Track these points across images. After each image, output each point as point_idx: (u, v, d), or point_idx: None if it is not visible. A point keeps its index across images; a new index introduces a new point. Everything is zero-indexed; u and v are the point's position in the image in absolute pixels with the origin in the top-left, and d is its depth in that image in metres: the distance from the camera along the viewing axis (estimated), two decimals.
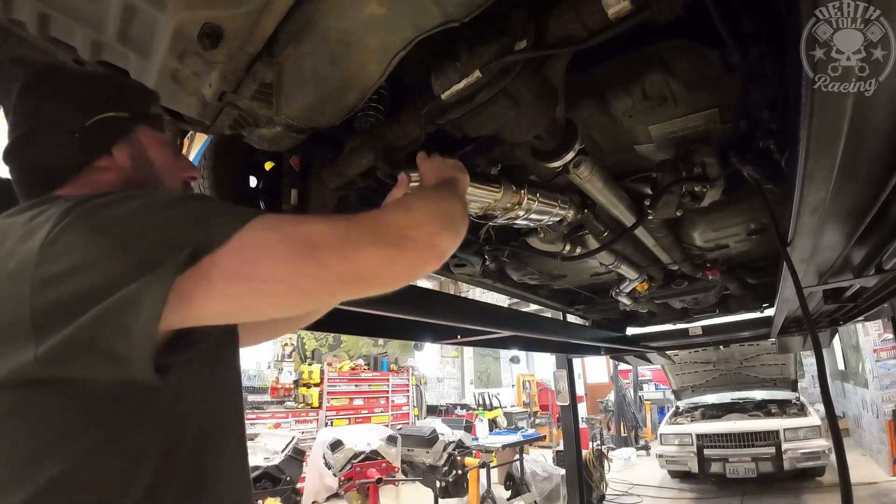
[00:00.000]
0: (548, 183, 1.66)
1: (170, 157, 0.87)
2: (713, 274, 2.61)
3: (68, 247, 0.59)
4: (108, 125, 0.79)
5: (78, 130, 0.77)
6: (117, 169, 0.80)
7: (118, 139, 0.80)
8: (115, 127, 0.80)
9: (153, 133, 0.85)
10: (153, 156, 0.84)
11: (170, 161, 0.87)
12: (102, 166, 0.79)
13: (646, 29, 0.92)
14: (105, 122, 0.78)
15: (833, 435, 1.24)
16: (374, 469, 4.89)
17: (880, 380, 7.26)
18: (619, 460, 9.36)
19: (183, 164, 0.91)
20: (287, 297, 0.67)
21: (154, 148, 0.84)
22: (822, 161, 0.93)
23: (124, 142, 0.81)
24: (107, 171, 0.79)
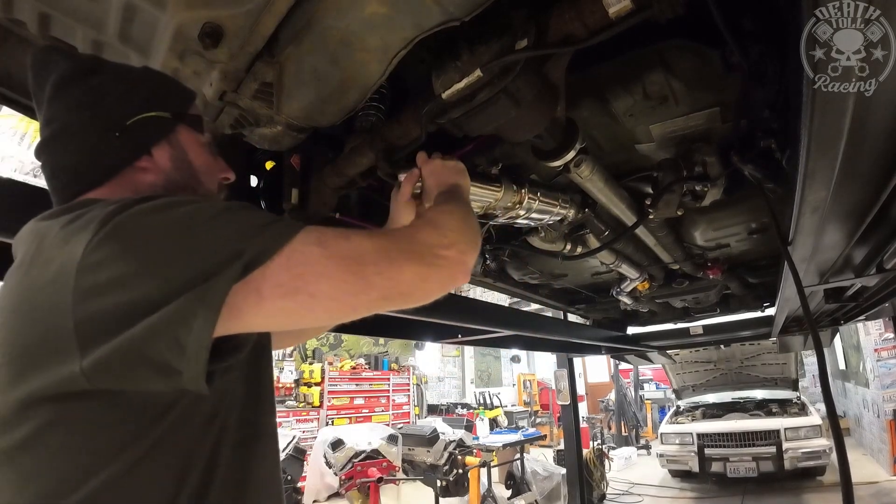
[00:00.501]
0: (549, 182, 1.66)
1: (208, 158, 0.86)
2: (714, 273, 2.61)
3: (113, 255, 0.58)
4: (149, 125, 0.78)
5: (119, 129, 0.75)
6: (157, 170, 0.79)
7: (159, 139, 0.79)
8: (156, 127, 0.79)
9: (193, 134, 0.84)
10: (193, 157, 0.83)
11: (208, 162, 0.86)
12: (142, 167, 0.78)
13: (646, 28, 0.92)
14: (147, 121, 0.77)
15: (834, 434, 1.24)
16: (374, 468, 4.89)
17: (881, 379, 7.25)
18: (619, 459, 9.36)
19: (220, 165, 0.89)
20: (332, 311, 0.68)
21: (194, 149, 0.83)
22: (823, 160, 0.93)
23: (165, 142, 0.80)
24: (146, 171, 0.78)
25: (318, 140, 1.36)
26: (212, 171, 0.86)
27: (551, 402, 12.99)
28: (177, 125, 0.81)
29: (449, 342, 3.37)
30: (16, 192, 1.08)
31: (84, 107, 0.75)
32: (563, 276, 3.02)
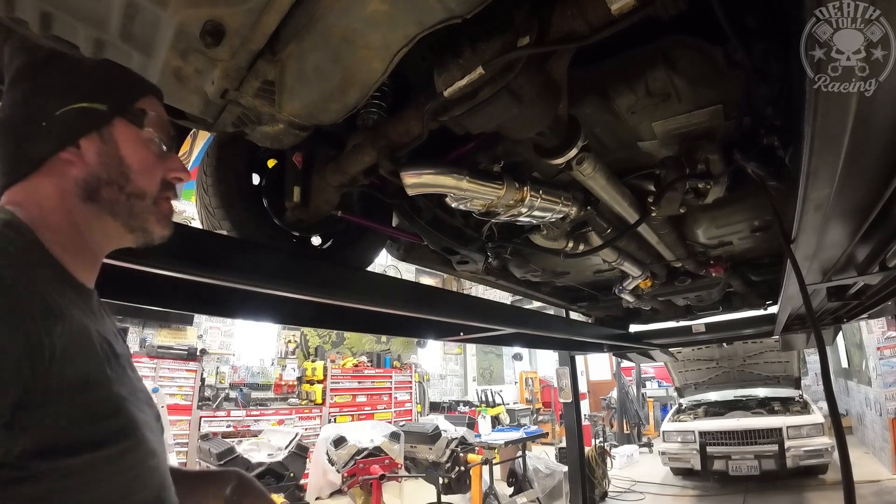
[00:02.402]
0: (551, 180, 1.66)
1: (148, 156, 0.81)
2: (716, 271, 2.60)
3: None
4: (79, 116, 0.75)
5: (47, 119, 0.73)
6: (82, 163, 0.75)
7: (87, 131, 0.76)
8: (86, 118, 0.75)
9: (131, 129, 0.79)
10: (126, 153, 0.78)
11: (147, 160, 0.81)
12: (66, 158, 0.75)
13: (649, 25, 0.91)
14: (77, 112, 0.74)
15: (836, 433, 1.23)
16: (377, 465, 4.90)
17: (884, 377, 7.24)
18: (621, 457, 9.37)
19: (170, 165, 0.84)
20: None
21: (129, 145, 0.79)
22: (826, 158, 0.92)
23: (95, 135, 0.76)
24: (71, 164, 0.75)
25: (320, 138, 1.36)
26: (149, 171, 0.81)
27: (553, 400, 13.00)
28: (112, 119, 0.77)
29: (451, 340, 3.37)
30: None
31: (27, 99, 0.75)
32: (565, 273, 3.01)
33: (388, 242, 2.09)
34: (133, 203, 0.78)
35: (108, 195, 0.76)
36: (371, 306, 1.85)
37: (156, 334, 8.08)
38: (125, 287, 1.28)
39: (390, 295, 1.90)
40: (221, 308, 1.71)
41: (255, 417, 8.07)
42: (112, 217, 0.77)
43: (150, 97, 0.83)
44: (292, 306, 1.88)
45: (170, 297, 1.51)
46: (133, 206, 0.78)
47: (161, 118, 0.84)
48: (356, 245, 1.84)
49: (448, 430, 5.50)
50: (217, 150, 1.49)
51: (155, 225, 0.81)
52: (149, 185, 0.81)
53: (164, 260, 1.14)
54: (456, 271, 2.28)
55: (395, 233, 1.96)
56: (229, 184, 1.49)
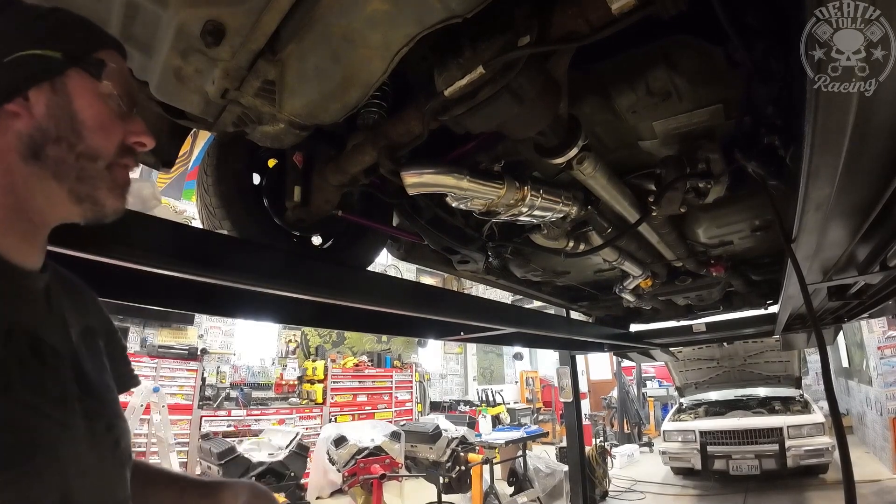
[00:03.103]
0: (551, 179, 1.66)
1: (105, 113, 0.72)
2: (717, 271, 2.60)
3: None
4: (28, 64, 0.67)
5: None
6: (29, 116, 0.67)
7: (38, 82, 0.68)
8: (36, 67, 0.67)
9: (88, 81, 0.71)
10: (79, 107, 0.70)
11: (104, 117, 0.72)
12: (12, 110, 0.67)
13: (649, 24, 0.91)
14: (26, 60, 0.67)
15: (837, 432, 1.23)
16: (377, 465, 4.90)
17: (884, 377, 7.23)
18: (622, 457, 9.37)
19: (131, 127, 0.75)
20: None
21: (84, 99, 0.70)
22: (826, 157, 0.92)
23: (46, 85, 0.68)
24: (17, 117, 0.67)
25: (321, 138, 1.36)
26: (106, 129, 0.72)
27: (554, 400, 13.01)
28: (67, 68, 0.69)
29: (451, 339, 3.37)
30: None
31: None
32: (565, 273, 3.01)
33: (389, 242, 2.09)
34: (83, 165, 0.70)
35: (55, 153, 0.68)
36: (372, 306, 1.85)
37: (156, 334, 8.09)
38: (126, 287, 1.28)
39: (391, 294, 1.90)
40: (222, 308, 1.71)
41: (256, 417, 8.08)
42: (57, 180, 0.69)
43: (110, 50, 0.75)
44: (293, 306, 1.88)
45: (170, 297, 1.51)
46: (83, 169, 0.70)
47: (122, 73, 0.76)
48: (357, 245, 1.84)
49: (449, 430, 5.51)
50: (217, 150, 1.49)
51: (106, 195, 0.72)
52: (104, 145, 0.72)
53: (164, 260, 1.14)
54: (456, 271, 2.28)
55: (395, 232, 1.96)
56: (230, 183, 1.49)
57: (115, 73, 0.73)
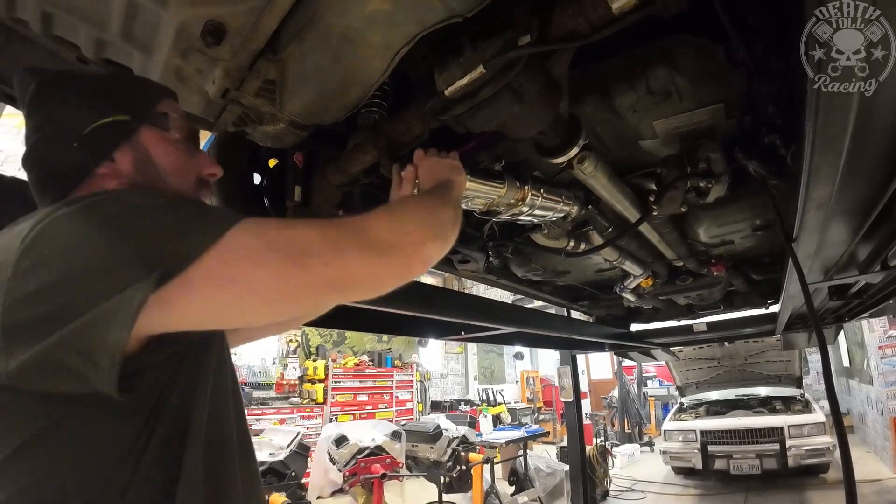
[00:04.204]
0: (552, 179, 1.66)
1: (179, 156, 0.83)
2: (718, 270, 2.60)
3: (39, 262, 0.58)
4: (107, 130, 0.76)
5: (77, 139, 0.75)
6: (119, 174, 0.77)
7: (119, 143, 0.77)
8: (115, 131, 0.77)
9: (158, 133, 0.81)
10: (157, 157, 0.80)
11: (179, 160, 0.83)
12: (103, 173, 0.76)
13: (650, 24, 0.91)
14: (104, 127, 0.76)
15: (837, 432, 1.23)
16: (378, 464, 4.90)
17: (885, 377, 7.23)
18: (622, 456, 9.37)
19: (200, 161, 0.87)
20: (273, 304, 0.67)
21: (159, 149, 0.81)
22: (827, 157, 0.92)
23: (126, 145, 0.78)
24: (108, 177, 0.77)
25: (321, 137, 1.36)
26: (183, 170, 0.83)
27: (554, 399, 13.00)
28: (139, 127, 0.79)
29: (452, 339, 3.37)
30: (21, 191, 1.09)
31: (49, 121, 0.76)
32: (566, 273, 3.01)
33: None
34: None
35: None
36: (372, 305, 1.85)
37: None
38: None
39: (391, 294, 1.89)
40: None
41: (257, 416, 8.08)
42: None
43: (167, 100, 0.85)
44: None
45: None
46: None
47: (181, 118, 0.86)
48: None
49: (449, 429, 5.51)
50: (218, 150, 1.49)
51: None
52: (184, 184, 0.83)
53: None
54: (457, 270, 2.28)
55: None
56: (230, 183, 1.49)
57: (177, 120, 0.84)
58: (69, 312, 0.56)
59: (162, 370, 0.67)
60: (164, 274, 0.58)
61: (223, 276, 0.61)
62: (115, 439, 0.63)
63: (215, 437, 0.73)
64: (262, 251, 0.63)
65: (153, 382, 0.66)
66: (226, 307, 0.64)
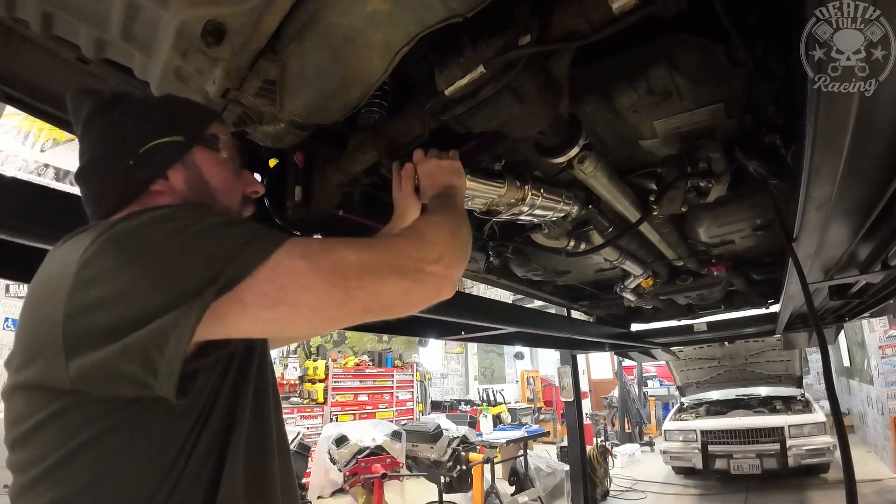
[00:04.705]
0: (552, 178, 1.66)
1: (228, 175, 0.88)
2: (718, 270, 2.60)
3: (99, 274, 0.62)
4: (162, 150, 0.81)
5: (134, 157, 0.79)
6: (173, 192, 0.82)
7: (173, 163, 0.82)
8: (169, 151, 0.82)
9: (209, 154, 0.86)
10: (209, 176, 0.85)
11: (228, 180, 0.88)
12: (158, 190, 0.81)
13: (650, 23, 0.91)
14: (160, 147, 0.81)
15: (838, 432, 1.23)
16: (378, 464, 4.90)
17: (885, 376, 7.23)
18: (623, 456, 9.37)
19: (245, 179, 0.92)
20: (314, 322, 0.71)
21: (210, 168, 0.86)
22: (827, 157, 0.92)
23: (179, 165, 0.83)
24: (162, 194, 0.81)
25: (321, 137, 1.36)
26: (231, 189, 0.89)
27: (555, 399, 12.99)
28: (192, 147, 0.84)
29: (452, 339, 3.37)
30: (21, 191, 1.09)
31: (104, 140, 0.81)
32: (566, 272, 3.01)
33: None
34: None
35: None
36: None
37: None
38: None
39: None
40: None
41: None
42: None
43: (216, 123, 0.90)
44: None
45: None
46: None
47: (229, 139, 0.91)
48: None
49: (450, 429, 5.50)
50: None
51: None
52: (232, 202, 0.89)
53: None
54: None
55: None
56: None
57: (227, 142, 0.90)
58: (130, 323, 0.60)
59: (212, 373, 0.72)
60: (219, 290, 0.62)
61: (271, 295, 0.65)
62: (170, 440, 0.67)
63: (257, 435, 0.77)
64: (307, 274, 0.67)
65: (204, 385, 0.71)
66: (272, 322, 0.68)
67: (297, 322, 0.69)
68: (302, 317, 0.68)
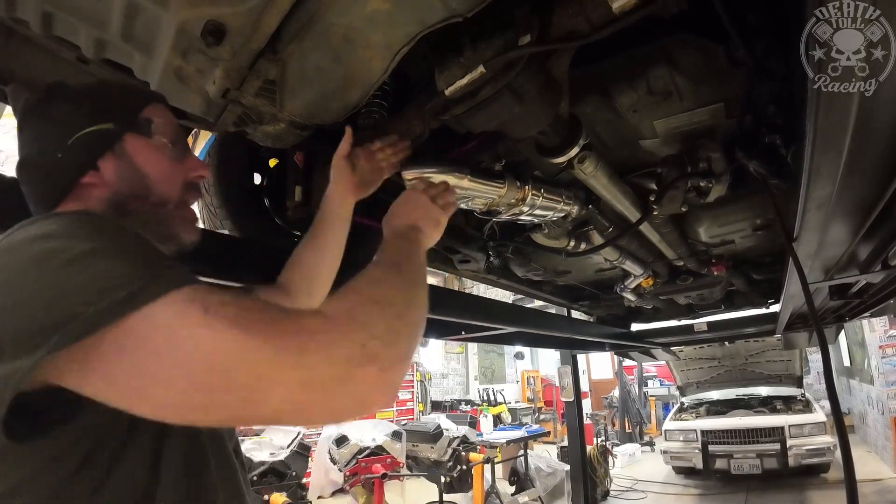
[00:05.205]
0: (552, 178, 1.66)
1: (164, 162, 0.83)
2: (718, 270, 2.60)
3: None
4: (91, 139, 0.76)
5: (62, 149, 0.75)
6: (104, 183, 0.77)
7: (103, 152, 0.77)
8: (97, 140, 0.77)
9: (142, 140, 0.81)
10: (142, 164, 0.80)
11: (165, 167, 0.82)
12: (88, 182, 0.76)
13: (650, 23, 0.91)
14: (88, 137, 0.76)
15: (838, 431, 1.23)
16: (378, 464, 4.91)
17: (886, 376, 7.23)
18: (623, 456, 9.38)
19: (188, 165, 0.86)
20: (165, 418, 0.54)
21: (143, 156, 0.80)
22: (827, 156, 0.92)
23: (109, 154, 0.78)
24: (94, 186, 0.76)
25: (322, 137, 1.36)
26: (169, 177, 0.83)
27: (555, 399, 13.00)
28: (122, 134, 0.79)
29: (453, 339, 3.37)
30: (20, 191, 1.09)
31: (37, 135, 0.77)
32: (566, 272, 3.01)
33: None
34: (157, 211, 0.80)
35: (135, 207, 0.78)
36: None
37: None
38: None
39: None
40: None
41: None
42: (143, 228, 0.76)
43: (152, 105, 0.85)
44: None
45: None
46: (157, 214, 0.81)
47: (168, 122, 0.86)
48: (358, 244, 1.83)
49: (450, 429, 5.51)
50: (218, 150, 1.50)
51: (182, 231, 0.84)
52: (170, 191, 0.83)
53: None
54: (457, 270, 2.28)
55: None
56: (231, 183, 1.49)
57: (162, 125, 0.84)
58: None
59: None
60: (69, 335, 0.50)
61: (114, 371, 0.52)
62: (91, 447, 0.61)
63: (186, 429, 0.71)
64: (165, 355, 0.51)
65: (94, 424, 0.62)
66: (112, 401, 0.54)
67: (142, 411, 0.53)
68: (147, 409, 0.53)
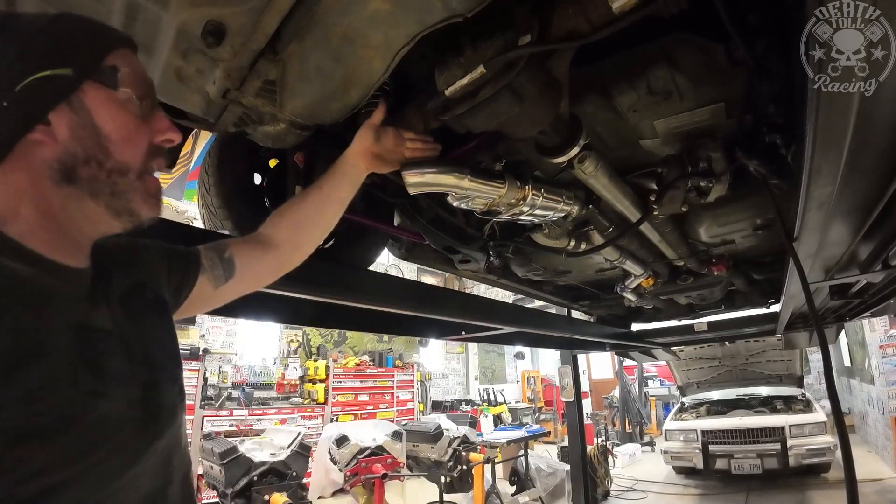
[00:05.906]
0: (552, 178, 1.66)
1: (127, 120, 0.69)
2: (719, 270, 2.60)
3: None
4: (42, 88, 0.63)
5: (7, 98, 0.61)
6: (54, 142, 0.64)
7: (56, 103, 0.64)
8: (51, 89, 0.64)
9: (104, 92, 0.67)
10: (102, 121, 0.66)
11: (128, 126, 0.69)
12: (36, 139, 0.64)
13: (650, 23, 0.91)
14: (39, 83, 0.62)
15: (839, 431, 1.23)
16: (379, 464, 4.90)
17: (886, 376, 7.22)
18: (623, 456, 9.37)
19: (155, 126, 0.73)
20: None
21: (104, 111, 0.67)
22: (828, 156, 0.92)
23: (64, 106, 0.65)
24: (41, 145, 0.64)
25: (322, 137, 1.36)
26: (131, 138, 0.69)
27: (555, 399, 13.00)
28: (81, 83, 0.66)
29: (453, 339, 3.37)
30: None
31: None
32: (566, 272, 3.01)
33: (390, 241, 2.09)
34: (115, 180, 0.68)
35: (87, 174, 0.66)
36: (373, 305, 1.85)
37: None
38: None
39: (392, 294, 1.90)
40: (223, 307, 1.71)
41: (258, 417, 8.07)
42: (93, 199, 0.67)
43: (120, 49, 0.71)
44: (294, 306, 1.88)
45: None
46: (115, 184, 0.68)
47: (137, 73, 0.72)
48: (358, 244, 1.84)
49: (450, 429, 5.50)
50: (219, 150, 1.50)
51: (141, 206, 0.71)
52: (132, 156, 0.70)
53: None
54: (458, 270, 2.28)
55: (396, 232, 1.96)
56: (231, 183, 1.49)
57: (129, 75, 0.70)
58: None
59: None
60: None
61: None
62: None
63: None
64: None
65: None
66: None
67: None
68: None
